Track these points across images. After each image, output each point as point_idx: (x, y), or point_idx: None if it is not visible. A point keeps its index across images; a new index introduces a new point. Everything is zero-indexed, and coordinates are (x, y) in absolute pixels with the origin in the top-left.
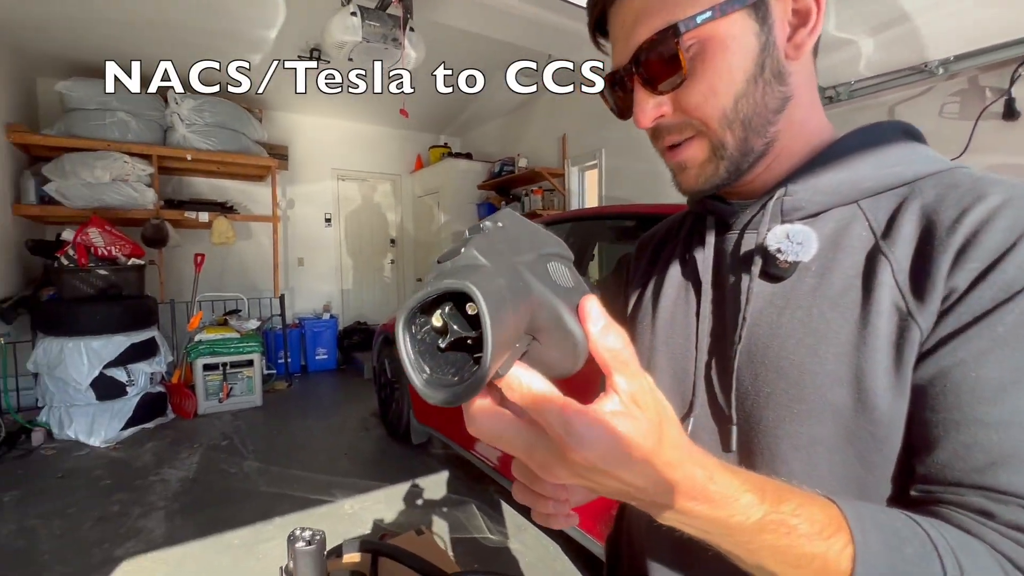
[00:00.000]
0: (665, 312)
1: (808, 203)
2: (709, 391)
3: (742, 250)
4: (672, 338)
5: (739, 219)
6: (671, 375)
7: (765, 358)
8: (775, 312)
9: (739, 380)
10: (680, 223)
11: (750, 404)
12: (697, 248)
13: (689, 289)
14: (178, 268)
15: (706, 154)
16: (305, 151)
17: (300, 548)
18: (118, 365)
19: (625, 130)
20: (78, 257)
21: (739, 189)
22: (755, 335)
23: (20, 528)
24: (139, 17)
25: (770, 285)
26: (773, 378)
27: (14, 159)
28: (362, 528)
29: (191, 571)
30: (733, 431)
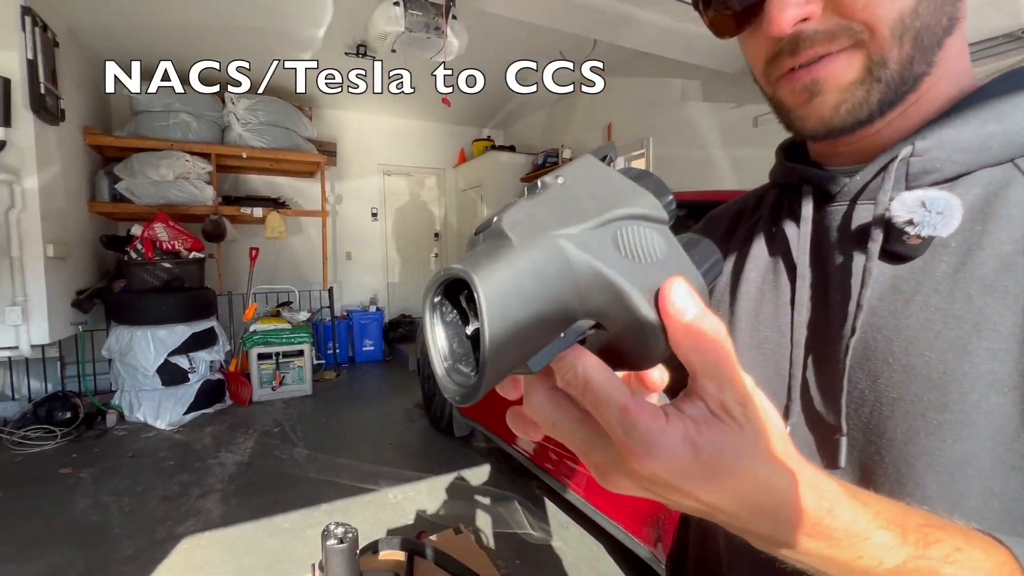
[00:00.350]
0: (747, 300)
1: (945, 164)
2: (805, 395)
3: (854, 224)
4: (758, 331)
5: (847, 187)
6: (758, 375)
7: (889, 355)
8: (901, 299)
9: (852, 382)
10: (758, 199)
11: (868, 412)
12: (788, 224)
13: (779, 272)
14: (235, 261)
15: (858, 72)
16: (352, 147)
17: (332, 546)
18: (181, 353)
19: (674, 116)
20: (145, 251)
21: (843, 151)
22: (874, 326)
23: (95, 503)
24: (199, 22)
25: (890, 267)
26: (901, 380)
27: (90, 160)
28: (405, 519)
29: (244, 551)
30: (842, 443)
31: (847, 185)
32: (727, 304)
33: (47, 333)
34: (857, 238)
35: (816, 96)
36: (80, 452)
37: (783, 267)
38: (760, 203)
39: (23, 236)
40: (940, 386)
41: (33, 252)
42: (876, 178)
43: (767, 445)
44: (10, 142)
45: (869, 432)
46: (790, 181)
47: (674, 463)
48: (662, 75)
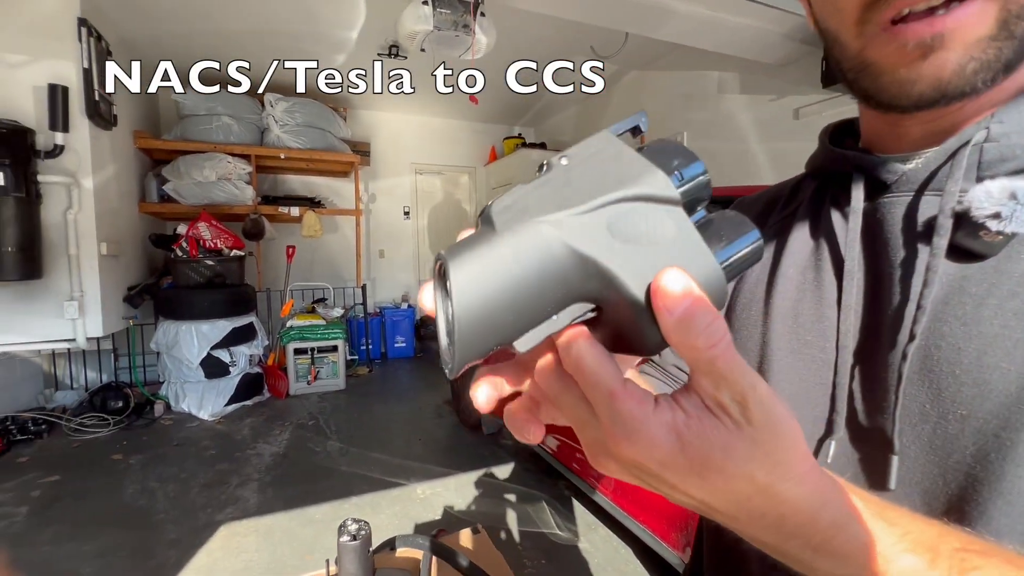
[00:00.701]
0: (785, 300)
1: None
2: (851, 407)
3: (919, 217)
4: (797, 334)
5: (906, 176)
6: (799, 384)
7: (957, 366)
8: (971, 302)
9: (908, 395)
10: (793, 188)
11: (930, 429)
12: (834, 217)
13: (822, 270)
14: (273, 259)
15: (991, 27)
16: (385, 146)
17: (344, 543)
18: (222, 347)
19: (711, 109)
20: (190, 249)
21: (905, 134)
22: (938, 333)
23: (143, 488)
24: (240, 28)
25: (958, 266)
26: (972, 396)
27: (140, 162)
28: (432, 514)
29: (278, 540)
30: (893, 463)
31: (906, 174)
32: (761, 302)
33: (101, 326)
34: (921, 233)
35: (935, 52)
36: (130, 439)
37: (828, 264)
38: (795, 193)
39: (80, 235)
40: (1020, 402)
41: (88, 250)
42: (944, 165)
43: (769, 449)
44: (68, 146)
45: (932, 452)
46: (837, 169)
47: (656, 452)
48: (698, 67)
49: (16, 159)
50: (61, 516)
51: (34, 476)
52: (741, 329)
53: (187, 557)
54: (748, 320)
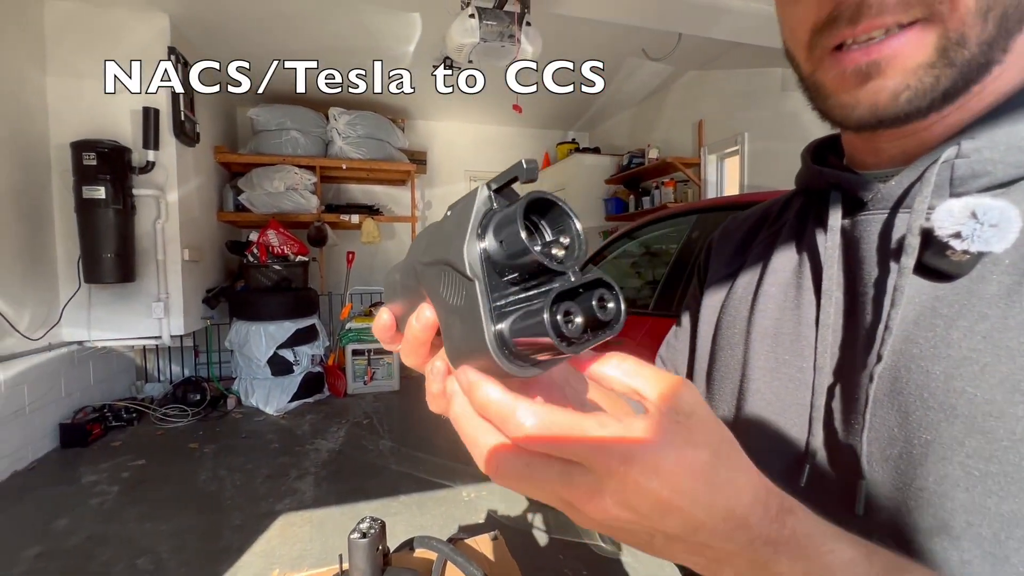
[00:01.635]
0: (766, 319)
1: (997, 166)
2: (830, 428)
3: (892, 236)
4: (777, 353)
5: (882, 193)
6: (777, 405)
7: (924, 389)
8: (941, 324)
9: (878, 416)
10: (781, 207)
11: (897, 454)
12: (816, 234)
13: (802, 289)
14: (335, 264)
15: (929, 53)
16: (441, 155)
17: (354, 540)
18: (287, 347)
19: (773, 108)
20: (260, 255)
21: (885, 151)
22: (907, 354)
23: (214, 476)
24: (309, 48)
25: (931, 285)
26: (937, 420)
27: (218, 175)
28: (476, 517)
29: (330, 532)
30: (861, 488)
31: (881, 191)
32: (744, 321)
33: (183, 325)
34: (893, 251)
35: (872, 79)
36: (205, 430)
37: (808, 282)
38: (785, 209)
39: (166, 242)
40: (985, 431)
41: (173, 256)
42: (915, 183)
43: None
44: (158, 163)
45: (898, 477)
46: (816, 186)
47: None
48: (759, 65)
49: (116, 175)
50: (144, 497)
51: (125, 459)
52: (724, 348)
53: (248, 543)
54: (731, 339)
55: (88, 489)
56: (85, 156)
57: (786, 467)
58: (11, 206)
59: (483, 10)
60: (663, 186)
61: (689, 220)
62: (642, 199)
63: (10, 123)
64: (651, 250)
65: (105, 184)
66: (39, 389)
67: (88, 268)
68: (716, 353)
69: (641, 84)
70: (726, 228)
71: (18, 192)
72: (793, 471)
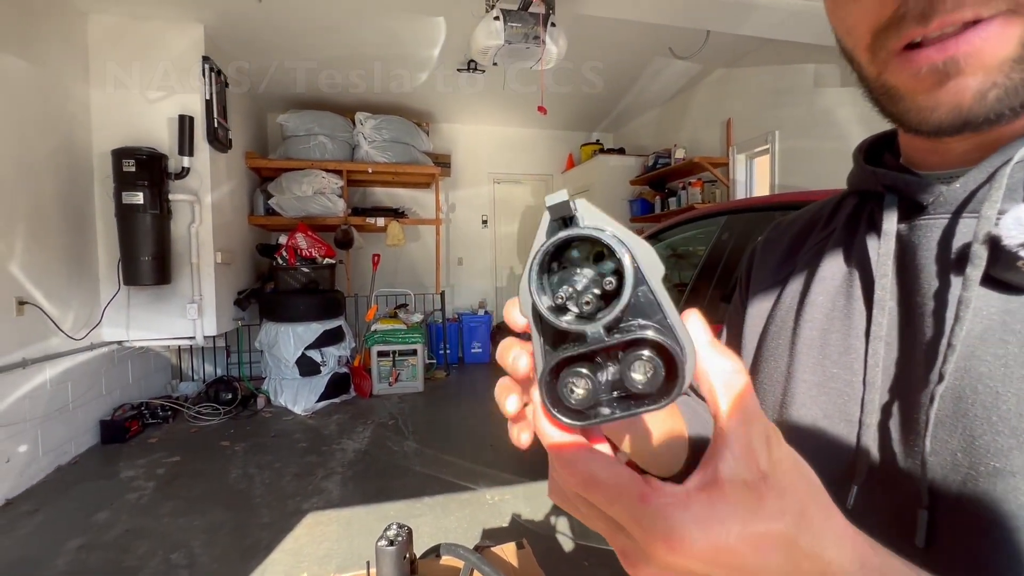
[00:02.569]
0: (812, 329)
1: None
2: (884, 449)
3: (954, 243)
4: (824, 367)
5: (943, 196)
6: (823, 419)
7: (992, 412)
8: (1014, 340)
9: (939, 440)
10: (833, 209)
11: (960, 481)
12: (868, 239)
13: (853, 298)
14: (361, 267)
15: (1015, 48)
16: (465, 158)
17: (381, 547)
18: (314, 348)
19: (806, 105)
20: (289, 258)
21: (950, 151)
22: (973, 373)
23: (244, 473)
24: (335, 56)
25: (1000, 297)
26: (1009, 447)
27: (249, 180)
28: (500, 520)
29: (356, 531)
30: (922, 517)
31: (943, 194)
32: (789, 332)
33: (215, 326)
34: (956, 261)
35: (951, 79)
36: (236, 429)
37: (859, 291)
38: (836, 213)
39: (200, 245)
40: None
41: (207, 259)
42: (983, 186)
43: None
44: (193, 169)
45: (960, 508)
46: (870, 188)
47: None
48: (792, 61)
49: (153, 181)
50: (178, 493)
51: (160, 456)
52: (768, 359)
53: (276, 540)
54: (776, 350)
55: (126, 484)
56: (125, 163)
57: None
58: (58, 213)
59: (508, 12)
60: (690, 187)
61: (718, 221)
62: (668, 200)
63: (58, 135)
64: (678, 252)
65: (143, 190)
66: (82, 387)
67: (127, 271)
68: (759, 364)
69: (667, 83)
70: (771, 234)
71: (64, 199)
72: (839, 492)
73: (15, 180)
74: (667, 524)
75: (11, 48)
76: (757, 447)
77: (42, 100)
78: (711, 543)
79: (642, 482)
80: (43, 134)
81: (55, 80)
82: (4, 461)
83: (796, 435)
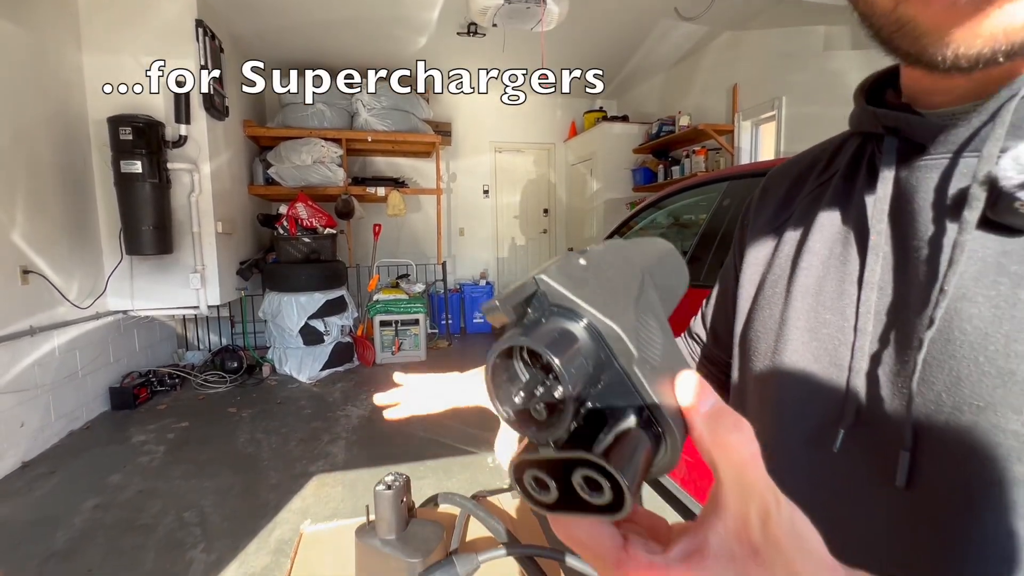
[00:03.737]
0: (808, 276)
1: None
2: (872, 394)
3: (951, 185)
4: (817, 313)
5: (946, 137)
6: (813, 364)
7: (980, 352)
8: (1007, 281)
9: (926, 383)
10: (834, 152)
11: (943, 422)
12: (867, 184)
13: (849, 244)
14: (362, 237)
15: None
16: (466, 126)
17: (379, 491)
18: (317, 318)
19: (815, 69)
20: (289, 228)
21: (954, 87)
22: (963, 314)
23: (251, 438)
24: (333, 19)
25: (997, 239)
26: (992, 387)
27: (248, 149)
28: (500, 482)
29: (361, 493)
30: (904, 458)
31: (945, 133)
32: (785, 279)
33: (219, 295)
34: (954, 203)
35: (990, 5)
36: (242, 396)
37: (854, 239)
38: (836, 155)
39: (200, 215)
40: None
41: (208, 228)
42: (986, 125)
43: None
44: (190, 137)
45: (943, 447)
46: (871, 130)
47: None
48: (801, 23)
49: (151, 149)
50: (189, 456)
51: (170, 421)
52: (764, 306)
53: (285, 500)
54: (772, 297)
55: (138, 448)
56: (121, 131)
57: (818, 430)
58: (57, 181)
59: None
60: (694, 155)
61: (719, 188)
62: (671, 169)
63: (53, 101)
64: (680, 221)
65: (141, 158)
66: (89, 354)
67: (129, 240)
68: (754, 312)
69: (673, 47)
70: (770, 180)
71: (62, 167)
72: (826, 435)
73: (12, 148)
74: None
75: (1, 11)
76: (752, 522)
77: (35, 66)
78: None
79: (620, 548)
80: (38, 101)
81: (47, 45)
82: (19, 425)
83: (787, 380)
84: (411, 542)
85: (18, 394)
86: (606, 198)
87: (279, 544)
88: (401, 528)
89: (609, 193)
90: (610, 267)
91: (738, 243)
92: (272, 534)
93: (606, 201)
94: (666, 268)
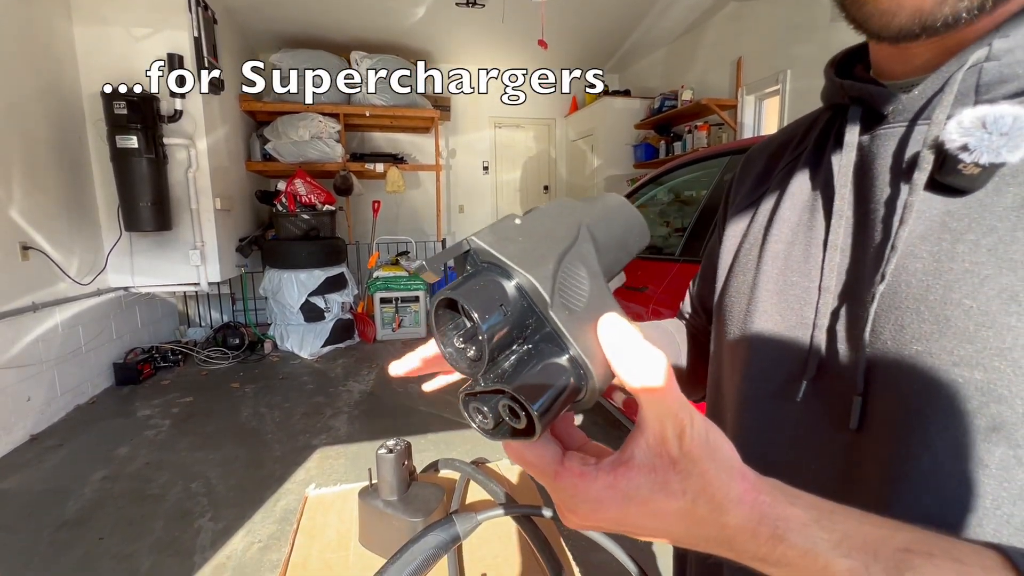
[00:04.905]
0: (778, 242)
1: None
2: (831, 347)
3: (908, 151)
4: (785, 275)
5: (902, 104)
6: (781, 324)
7: (922, 302)
8: (948, 238)
9: (876, 333)
10: (809, 126)
11: (889, 366)
12: (833, 153)
13: (816, 210)
14: (362, 214)
15: None
16: (466, 101)
17: (381, 454)
18: (318, 295)
19: (822, 42)
20: (288, 204)
21: (915, 58)
22: (908, 270)
23: (255, 412)
24: None
25: (943, 200)
26: (930, 332)
27: (245, 124)
28: (500, 454)
29: (363, 464)
30: (856, 403)
31: (902, 102)
32: (758, 247)
33: (219, 272)
34: (907, 167)
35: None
36: (245, 371)
37: (821, 204)
38: (810, 130)
39: (198, 191)
40: (975, 339)
41: (206, 205)
42: (939, 93)
43: (706, 478)
44: (185, 112)
45: (888, 390)
46: (839, 101)
47: (603, 513)
48: None
49: (146, 124)
50: (194, 429)
51: (174, 396)
52: (738, 275)
53: (289, 472)
54: (746, 264)
55: (143, 422)
56: (116, 105)
57: (784, 384)
58: (52, 156)
59: None
60: (696, 130)
61: (720, 163)
62: (673, 144)
63: (45, 75)
64: (680, 197)
65: (137, 133)
66: (92, 331)
67: (127, 217)
68: (729, 280)
69: (676, 19)
70: (749, 156)
71: (57, 142)
72: (791, 388)
73: (5, 123)
74: (570, 498)
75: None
76: (670, 438)
77: (25, 39)
78: (609, 515)
79: (558, 462)
80: (29, 74)
81: (36, 14)
82: (25, 400)
83: (757, 341)
84: (412, 503)
85: (23, 369)
86: (607, 174)
87: (285, 513)
88: (403, 490)
89: (610, 169)
90: (543, 224)
91: (721, 219)
92: (278, 503)
93: (607, 178)
94: (613, 221)
